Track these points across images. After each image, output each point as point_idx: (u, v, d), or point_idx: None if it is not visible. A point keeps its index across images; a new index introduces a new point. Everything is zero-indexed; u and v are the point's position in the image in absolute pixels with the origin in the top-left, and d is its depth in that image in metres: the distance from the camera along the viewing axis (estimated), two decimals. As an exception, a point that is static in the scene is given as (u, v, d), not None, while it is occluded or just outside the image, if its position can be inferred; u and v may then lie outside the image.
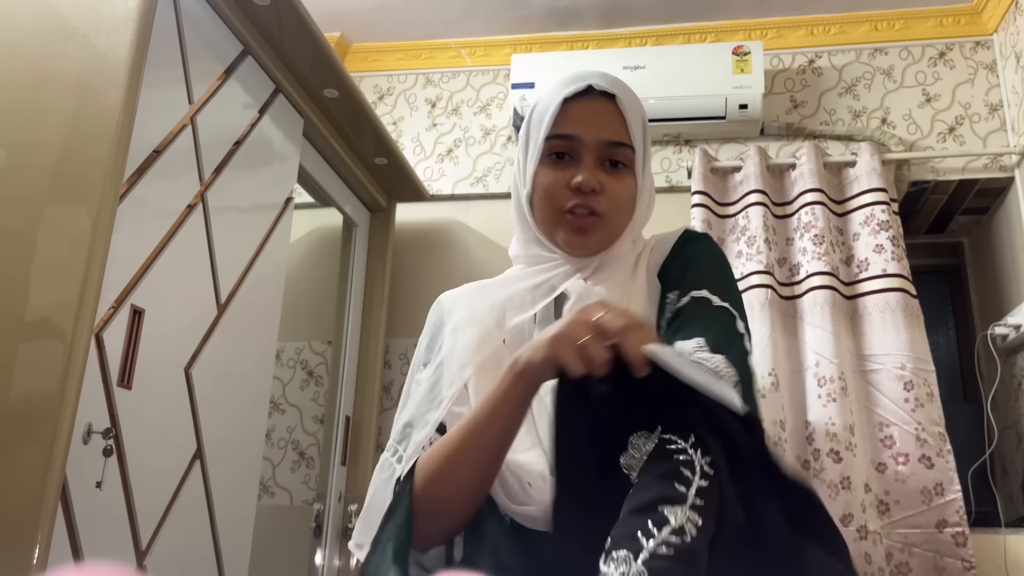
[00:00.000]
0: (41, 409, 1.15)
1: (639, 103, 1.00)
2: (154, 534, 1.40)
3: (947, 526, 2.05)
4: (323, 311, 2.48)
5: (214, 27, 1.68)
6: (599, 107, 0.97)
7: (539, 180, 0.97)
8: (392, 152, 2.34)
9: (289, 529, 2.27)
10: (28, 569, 1.09)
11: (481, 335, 0.95)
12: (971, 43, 2.62)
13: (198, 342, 1.56)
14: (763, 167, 2.45)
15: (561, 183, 0.95)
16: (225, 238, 1.65)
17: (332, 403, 2.35)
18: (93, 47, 1.33)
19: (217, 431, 1.59)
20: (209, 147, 1.63)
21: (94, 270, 1.22)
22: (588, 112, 0.96)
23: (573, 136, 0.96)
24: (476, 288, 1.06)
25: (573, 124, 0.96)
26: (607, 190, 0.95)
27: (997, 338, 2.37)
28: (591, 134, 0.95)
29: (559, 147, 0.96)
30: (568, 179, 0.95)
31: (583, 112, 0.96)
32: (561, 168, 0.96)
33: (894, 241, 2.29)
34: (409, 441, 0.92)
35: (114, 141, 1.28)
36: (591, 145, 0.95)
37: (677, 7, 2.69)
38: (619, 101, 0.97)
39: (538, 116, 0.99)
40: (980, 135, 2.51)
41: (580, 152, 0.96)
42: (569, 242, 0.97)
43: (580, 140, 0.95)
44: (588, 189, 0.94)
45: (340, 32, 2.86)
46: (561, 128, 0.96)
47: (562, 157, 0.97)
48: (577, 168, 0.95)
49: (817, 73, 2.69)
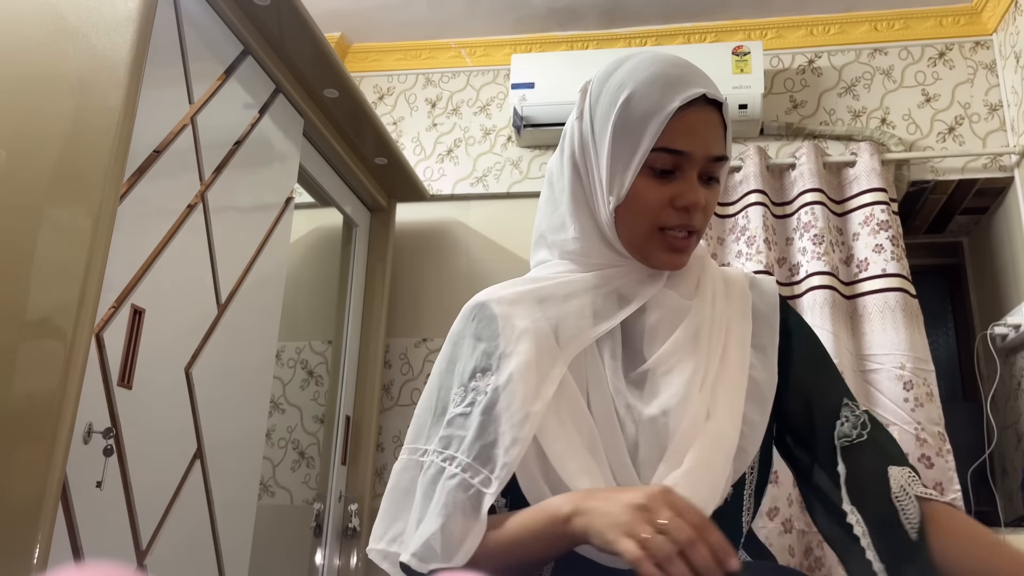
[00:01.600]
0: (41, 409, 1.15)
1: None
2: (154, 534, 1.40)
3: (947, 526, 2.06)
4: (323, 311, 2.48)
5: (214, 27, 1.68)
6: (710, 119, 0.89)
7: (639, 193, 0.89)
8: (392, 152, 2.34)
9: (289, 529, 2.27)
10: (28, 569, 1.09)
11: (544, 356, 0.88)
12: (971, 43, 2.62)
13: (198, 342, 1.56)
14: (763, 167, 2.45)
15: (664, 200, 0.89)
16: (225, 238, 1.65)
17: (332, 403, 2.35)
18: (93, 47, 1.33)
19: (217, 431, 1.59)
20: (209, 147, 1.63)
21: (94, 270, 1.22)
22: (700, 125, 0.89)
23: (685, 152, 0.88)
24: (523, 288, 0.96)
25: (686, 139, 0.88)
26: (706, 205, 0.90)
27: (997, 338, 2.37)
28: (701, 150, 0.88)
29: (667, 161, 0.88)
30: (671, 196, 0.89)
31: (696, 125, 0.88)
32: (665, 183, 0.89)
33: (894, 241, 2.29)
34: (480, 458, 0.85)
35: (114, 141, 1.28)
36: (699, 161, 0.89)
37: (677, 7, 2.69)
38: (724, 109, 0.91)
39: (638, 116, 0.89)
40: (980, 135, 2.51)
41: (686, 167, 0.89)
42: (667, 263, 0.92)
43: (690, 156, 0.88)
44: (697, 210, 0.89)
45: (340, 32, 2.86)
46: (672, 142, 0.88)
47: (665, 174, 0.89)
48: (680, 185, 0.89)
49: (817, 73, 2.69)
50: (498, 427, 0.85)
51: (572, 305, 0.92)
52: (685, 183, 0.89)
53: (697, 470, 0.83)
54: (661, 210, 0.89)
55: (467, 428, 0.87)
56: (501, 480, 0.83)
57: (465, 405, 0.89)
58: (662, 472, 0.85)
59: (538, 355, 0.88)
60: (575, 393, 0.88)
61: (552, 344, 0.89)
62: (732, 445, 0.87)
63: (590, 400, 0.89)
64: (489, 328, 0.93)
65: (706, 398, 0.88)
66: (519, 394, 0.86)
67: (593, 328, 0.90)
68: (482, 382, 0.89)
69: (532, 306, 0.92)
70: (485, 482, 0.83)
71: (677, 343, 0.91)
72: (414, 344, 2.62)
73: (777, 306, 0.99)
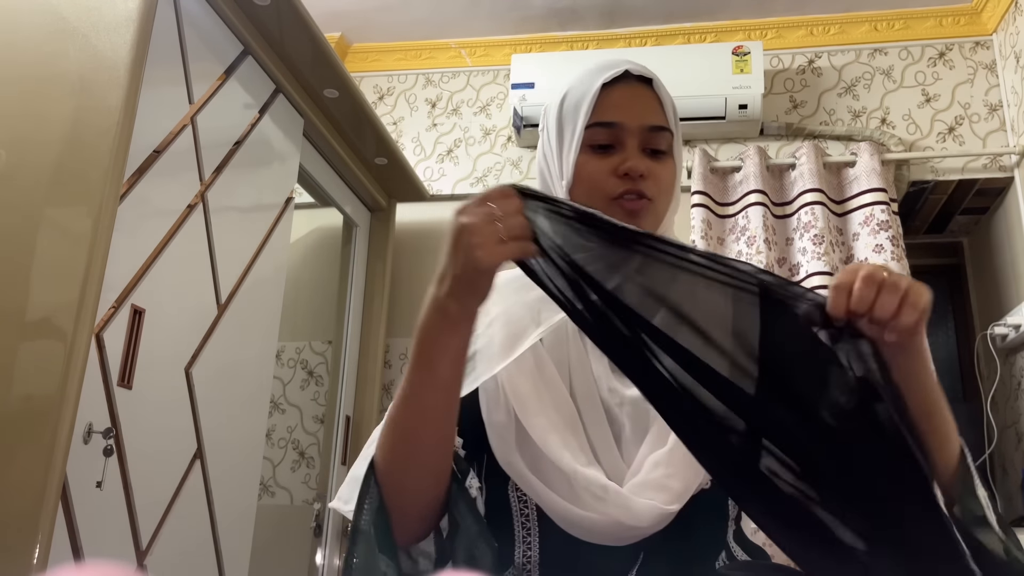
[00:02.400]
0: (41, 409, 1.15)
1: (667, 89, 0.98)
2: (154, 534, 1.40)
3: (947, 526, 2.05)
4: (323, 311, 2.48)
5: (214, 27, 1.68)
6: (638, 92, 0.94)
7: (582, 170, 0.93)
8: (392, 152, 2.34)
9: (289, 529, 2.27)
10: (28, 569, 1.09)
11: (515, 334, 0.90)
12: (971, 43, 2.62)
13: (198, 342, 1.56)
14: (763, 167, 2.45)
15: (607, 171, 0.92)
16: (225, 238, 1.65)
17: (332, 403, 2.35)
18: (93, 47, 1.33)
19: (217, 431, 1.59)
20: (209, 147, 1.63)
21: (94, 270, 1.22)
22: (628, 97, 0.94)
23: (616, 123, 0.92)
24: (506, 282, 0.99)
25: (614, 111, 0.93)
26: (653, 175, 0.92)
27: (997, 338, 2.37)
28: (634, 120, 0.92)
29: (601, 135, 0.93)
30: (613, 167, 0.92)
31: (623, 98, 0.93)
32: (605, 156, 0.93)
33: (894, 241, 2.29)
34: None
35: (114, 141, 1.28)
36: (634, 131, 0.92)
37: (677, 7, 2.69)
38: (656, 85, 0.95)
39: (572, 104, 0.95)
40: (980, 135, 2.51)
41: (623, 139, 0.92)
42: None
43: (623, 126, 0.92)
44: (637, 174, 0.91)
45: (340, 32, 2.86)
46: (602, 115, 0.92)
47: (604, 148, 0.93)
48: (621, 155, 0.92)
49: (817, 73, 2.69)
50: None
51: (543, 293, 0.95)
52: (625, 152, 0.92)
53: (680, 449, 0.83)
54: (606, 181, 0.92)
55: None
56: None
57: None
58: (644, 451, 0.86)
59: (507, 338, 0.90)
60: (556, 378, 0.90)
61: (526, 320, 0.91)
62: None
63: (572, 385, 0.90)
64: None
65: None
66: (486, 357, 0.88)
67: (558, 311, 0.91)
68: None
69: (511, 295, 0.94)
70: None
71: None
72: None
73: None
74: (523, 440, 0.87)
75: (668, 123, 0.94)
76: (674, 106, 0.97)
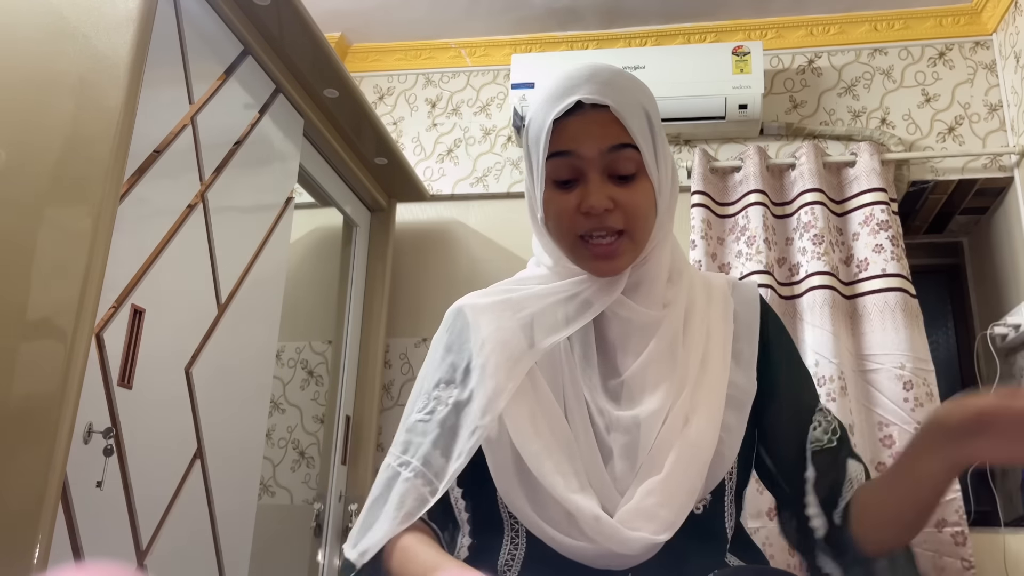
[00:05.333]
0: (41, 409, 1.15)
1: (639, 96, 0.92)
2: (154, 534, 1.40)
3: (946, 525, 2.06)
4: (323, 311, 2.48)
5: (214, 27, 1.68)
6: (593, 119, 0.89)
7: (548, 207, 0.92)
8: (392, 152, 2.34)
9: (289, 529, 2.27)
10: (28, 569, 1.09)
11: (512, 359, 0.90)
12: (970, 43, 2.62)
13: (198, 342, 1.56)
14: (763, 167, 2.45)
15: (570, 209, 0.90)
16: (225, 238, 1.65)
17: (332, 403, 2.35)
18: (93, 47, 1.33)
19: (217, 431, 1.59)
20: (209, 147, 1.63)
21: (94, 270, 1.23)
22: (583, 126, 0.89)
23: (571, 152, 0.89)
24: (499, 298, 0.98)
25: (569, 142, 0.89)
26: (620, 204, 0.89)
27: (996, 338, 2.37)
28: (591, 148, 0.89)
29: (562, 169, 0.90)
30: (577, 203, 0.89)
31: (578, 128, 0.89)
32: (568, 191, 0.90)
33: (893, 241, 2.29)
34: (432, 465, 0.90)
35: (114, 141, 1.28)
36: (593, 159, 0.89)
37: (677, 7, 2.69)
38: (616, 108, 0.89)
39: (534, 137, 0.93)
40: (979, 135, 2.51)
41: (583, 169, 0.89)
42: (596, 269, 0.92)
43: (579, 155, 0.89)
44: (598, 211, 0.88)
45: (340, 32, 2.86)
46: (558, 146, 0.90)
47: (567, 183, 0.90)
48: (584, 188, 0.89)
49: (817, 73, 2.69)
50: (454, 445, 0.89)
51: (545, 313, 0.93)
52: (588, 186, 0.89)
53: (674, 476, 0.85)
54: (572, 219, 0.90)
55: (425, 436, 0.91)
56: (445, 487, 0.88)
57: (425, 412, 0.93)
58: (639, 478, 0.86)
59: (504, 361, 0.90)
60: (552, 401, 0.90)
61: (521, 344, 0.91)
62: (709, 451, 0.88)
63: (566, 406, 0.90)
64: (460, 338, 0.97)
65: (684, 406, 0.89)
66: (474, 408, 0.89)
67: (564, 328, 0.92)
68: (444, 392, 0.93)
69: (505, 313, 0.94)
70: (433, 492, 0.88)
71: (652, 356, 0.91)
72: (414, 344, 2.62)
73: (758, 312, 0.99)
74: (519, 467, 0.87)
75: (633, 139, 0.89)
76: (647, 114, 0.91)
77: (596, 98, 0.89)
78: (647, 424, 0.87)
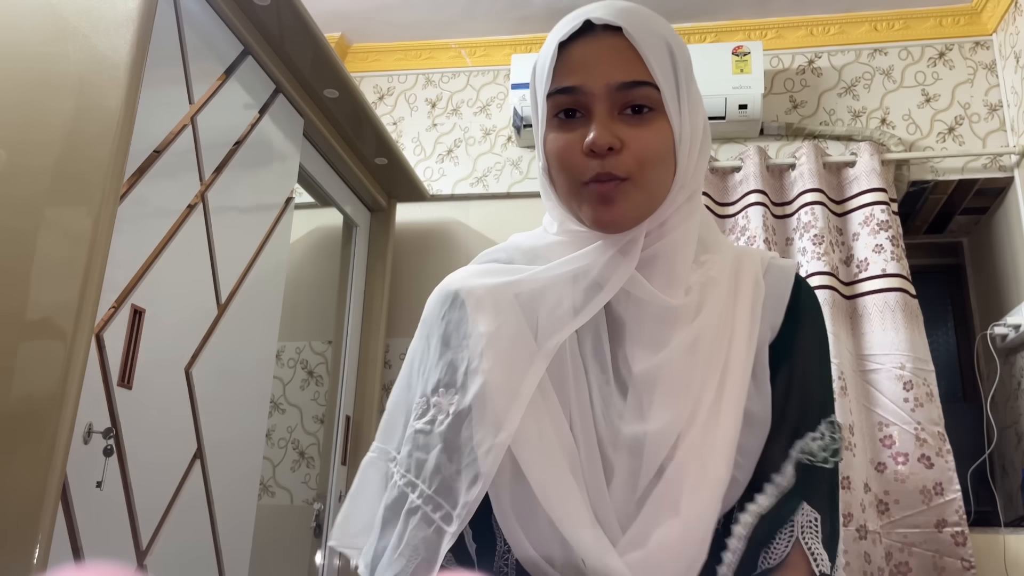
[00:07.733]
0: (41, 409, 1.15)
1: (660, 28, 0.80)
2: (154, 534, 1.40)
3: (947, 526, 2.06)
4: (323, 311, 2.48)
5: (214, 27, 1.68)
6: (604, 44, 0.78)
7: (550, 148, 0.80)
8: (392, 152, 2.34)
9: (289, 529, 2.27)
10: (28, 569, 1.09)
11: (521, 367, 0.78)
12: (970, 43, 2.62)
13: (198, 342, 1.56)
14: (763, 167, 2.45)
15: (573, 147, 0.77)
16: (225, 238, 1.65)
17: (332, 403, 2.35)
18: (93, 47, 1.33)
19: (217, 431, 1.59)
20: (209, 147, 1.63)
21: (94, 270, 1.22)
22: (591, 53, 0.78)
23: (575, 87, 0.77)
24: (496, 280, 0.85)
25: (573, 73, 0.78)
26: (629, 144, 0.76)
27: (996, 338, 2.37)
28: (596, 80, 0.76)
29: (564, 103, 0.78)
30: (581, 141, 0.76)
31: (585, 55, 0.78)
32: (571, 129, 0.78)
33: (893, 241, 2.29)
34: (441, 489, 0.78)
35: (114, 141, 1.28)
36: (599, 93, 0.76)
37: (677, 7, 2.69)
38: (626, 32, 0.77)
39: (539, 72, 0.81)
40: (979, 135, 2.51)
41: (589, 105, 0.77)
42: (595, 219, 0.78)
43: (584, 90, 0.77)
44: (602, 149, 0.75)
45: (340, 32, 2.86)
46: (560, 80, 0.78)
47: (572, 115, 0.78)
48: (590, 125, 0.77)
49: (817, 73, 2.69)
50: (460, 459, 0.78)
51: (549, 299, 0.81)
52: (593, 121, 0.77)
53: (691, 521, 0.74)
54: (574, 159, 0.78)
55: (428, 451, 0.80)
56: (462, 519, 0.76)
57: (425, 422, 0.82)
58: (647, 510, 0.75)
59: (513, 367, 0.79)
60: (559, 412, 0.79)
61: (529, 345, 0.80)
62: (725, 483, 0.76)
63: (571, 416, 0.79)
64: (458, 331, 0.84)
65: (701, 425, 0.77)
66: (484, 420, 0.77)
67: (572, 320, 0.80)
68: (444, 399, 0.81)
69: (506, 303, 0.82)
70: (446, 518, 0.76)
71: (668, 356, 0.79)
72: (414, 344, 2.62)
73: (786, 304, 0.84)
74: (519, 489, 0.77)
75: (650, 75, 0.77)
76: (671, 51, 0.80)
77: (608, 19, 0.77)
78: (653, 443, 0.76)
